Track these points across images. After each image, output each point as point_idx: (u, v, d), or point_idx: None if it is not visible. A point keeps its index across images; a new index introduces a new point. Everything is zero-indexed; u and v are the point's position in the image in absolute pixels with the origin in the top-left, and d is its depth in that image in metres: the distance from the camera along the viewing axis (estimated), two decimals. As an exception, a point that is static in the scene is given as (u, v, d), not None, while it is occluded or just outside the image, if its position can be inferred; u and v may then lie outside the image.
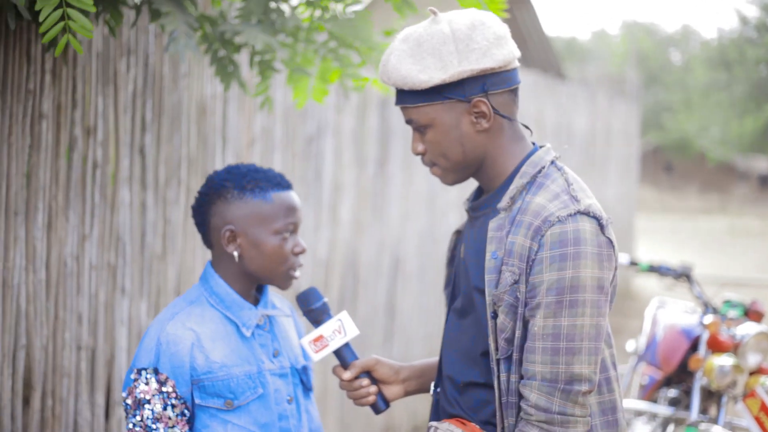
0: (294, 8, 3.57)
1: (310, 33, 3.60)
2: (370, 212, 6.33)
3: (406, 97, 2.39)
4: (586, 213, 2.31)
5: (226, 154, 4.64)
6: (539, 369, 2.28)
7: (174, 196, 4.21)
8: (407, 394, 2.70)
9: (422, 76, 2.32)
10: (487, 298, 2.35)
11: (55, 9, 2.51)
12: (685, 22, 71.52)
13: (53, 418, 3.62)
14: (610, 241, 2.34)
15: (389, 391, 2.66)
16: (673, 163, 39.34)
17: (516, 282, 2.31)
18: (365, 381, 2.61)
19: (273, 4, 3.50)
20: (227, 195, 2.67)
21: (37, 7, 2.51)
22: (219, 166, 4.53)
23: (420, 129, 2.41)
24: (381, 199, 6.47)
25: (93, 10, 2.55)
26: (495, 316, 2.35)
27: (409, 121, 2.43)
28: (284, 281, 2.71)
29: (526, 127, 2.52)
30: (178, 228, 4.25)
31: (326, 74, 3.70)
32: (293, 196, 2.73)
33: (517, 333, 2.32)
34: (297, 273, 2.73)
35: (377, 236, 6.43)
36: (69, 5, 2.53)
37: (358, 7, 3.58)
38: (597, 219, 2.32)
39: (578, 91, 11.66)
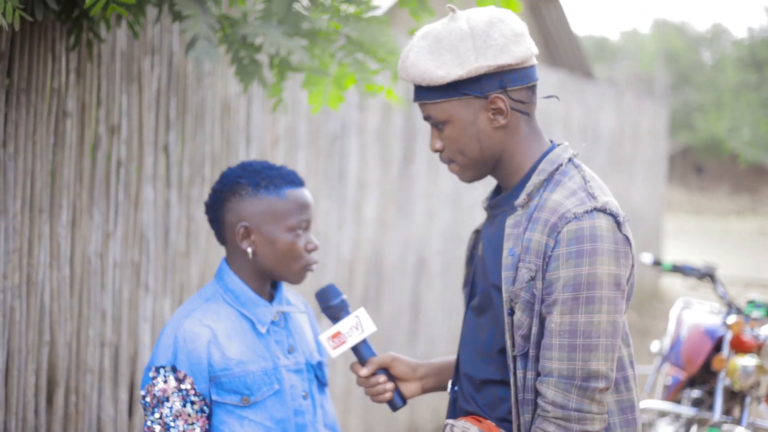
0: (314, 10, 3.58)
1: (328, 36, 3.62)
2: (395, 211, 6.34)
3: (425, 93, 2.40)
4: (603, 210, 2.31)
5: (250, 152, 4.67)
6: (556, 366, 2.28)
7: (198, 194, 4.24)
8: (424, 391, 2.71)
9: (440, 72, 2.34)
10: (504, 295, 2.35)
11: None
12: (715, 21, 71.09)
13: (77, 414, 3.65)
14: (627, 239, 2.34)
15: (406, 388, 2.67)
16: (703, 164, 39.08)
17: (533, 278, 2.31)
18: (382, 378, 2.62)
19: (296, 5, 3.51)
20: (242, 192, 2.69)
21: None
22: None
23: (438, 125, 2.43)
24: (406, 197, 6.48)
25: None
26: (512, 312, 2.35)
27: (427, 118, 2.44)
28: (297, 277, 2.73)
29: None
30: (202, 226, 4.27)
31: (342, 80, 3.71)
32: (306, 193, 2.75)
33: (534, 330, 2.33)
34: (311, 269, 2.74)
35: (402, 235, 6.44)
36: None
37: (376, 12, 3.59)
38: (614, 216, 2.32)
39: (606, 91, 11.62)
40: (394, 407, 2.64)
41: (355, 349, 2.63)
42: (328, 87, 3.73)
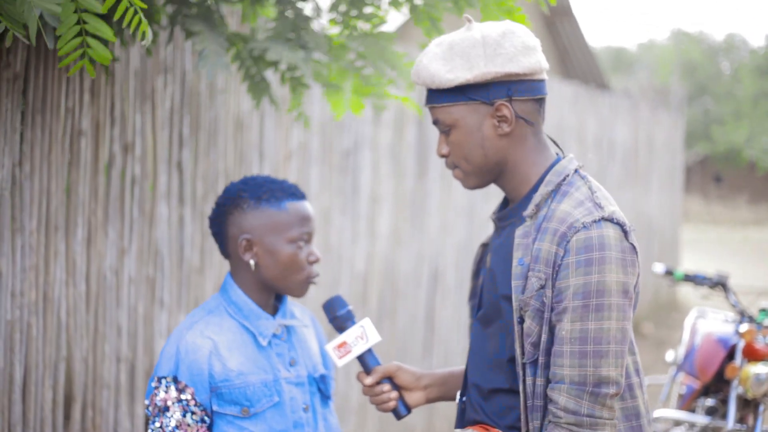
0: (331, 25, 3.64)
1: (339, 51, 3.68)
2: (409, 224, 6.38)
3: (434, 96, 2.47)
4: (610, 219, 2.36)
5: (263, 168, 4.72)
6: (567, 372, 2.32)
7: (211, 210, 4.28)
8: (428, 401, 2.74)
9: (449, 75, 2.40)
10: (514, 303, 2.39)
11: (75, 37, 2.58)
12: (731, 30, 70.96)
13: (94, 428, 3.70)
14: (633, 247, 2.38)
15: (411, 397, 2.71)
16: (722, 174, 38.96)
17: (542, 287, 2.35)
18: (386, 387, 2.66)
19: (303, 23, 3.58)
20: (243, 205, 2.74)
21: (57, 32, 2.57)
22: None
23: (445, 130, 2.48)
24: (419, 211, 6.51)
25: (113, 40, 2.63)
26: (521, 321, 2.39)
27: (435, 122, 2.50)
28: (299, 289, 2.77)
29: (552, 140, 2.57)
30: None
31: (360, 90, 3.78)
32: (307, 206, 2.79)
33: (544, 337, 2.36)
34: (313, 281, 2.79)
35: (416, 248, 6.47)
36: (89, 34, 2.60)
37: (385, 28, 3.66)
38: (620, 225, 2.37)
39: (621, 103, 11.64)
40: (399, 416, 2.68)
41: (360, 358, 2.68)
42: (348, 95, 3.80)
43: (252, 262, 2.73)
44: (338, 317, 2.69)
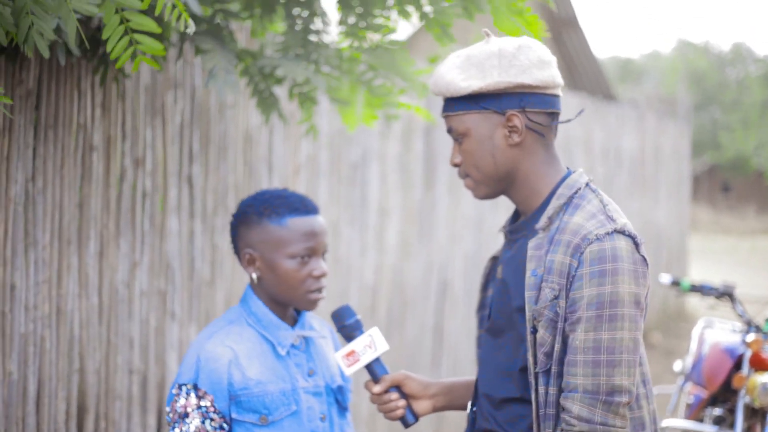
0: (341, 37, 3.68)
1: (350, 63, 3.73)
2: (417, 236, 6.41)
3: (449, 105, 2.53)
4: (622, 232, 2.40)
5: (272, 181, 4.76)
6: (581, 381, 2.35)
7: (221, 223, 4.33)
8: (435, 409, 2.77)
9: (463, 83, 2.46)
10: (527, 314, 2.43)
11: (122, 37, 2.61)
12: (737, 40, 70.99)
13: (106, 439, 3.74)
14: (645, 259, 2.43)
15: (418, 405, 2.74)
16: (730, 183, 38.92)
17: (556, 297, 2.39)
18: (394, 395, 2.70)
19: (313, 38, 3.62)
20: (248, 220, 2.79)
21: (104, 36, 2.60)
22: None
23: (458, 139, 2.53)
24: (428, 222, 6.55)
25: (159, 31, 2.64)
26: (534, 331, 2.43)
27: (449, 130, 2.55)
28: (305, 303, 2.81)
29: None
30: (226, 254, 4.36)
31: (371, 101, 3.82)
32: (313, 221, 2.81)
33: (557, 347, 2.40)
34: (318, 295, 2.81)
35: (424, 260, 6.50)
36: (134, 30, 2.63)
37: (395, 37, 3.70)
38: (632, 238, 2.41)
39: (627, 113, 11.67)
40: (406, 424, 2.72)
41: (368, 367, 2.71)
42: (360, 107, 3.84)
43: (254, 275, 2.79)
44: (347, 326, 2.72)
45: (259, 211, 2.78)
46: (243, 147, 4.52)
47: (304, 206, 2.81)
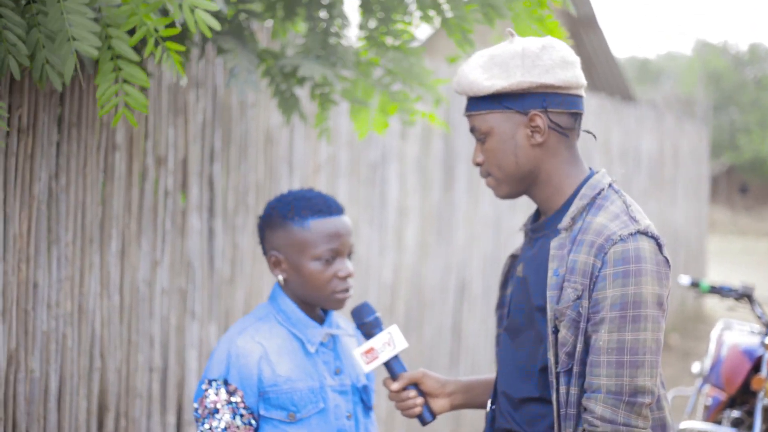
0: (362, 43, 3.69)
1: (368, 67, 3.73)
2: (435, 236, 6.42)
3: (472, 104, 2.54)
4: (645, 233, 2.40)
5: (292, 181, 4.77)
6: (604, 382, 2.35)
7: (242, 222, 4.34)
8: (453, 407, 2.78)
9: (486, 83, 2.47)
10: (549, 313, 2.43)
11: (112, 84, 2.67)
12: (755, 40, 70.76)
13: (127, 437, 3.75)
14: (667, 261, 2.43)
15: (436, 403, 2.74)
16: (748, 184, 38.77)
17: (579, 297, 2.39)
18: (412, 393, 2.70)
19: (332, 40, 3.63)
20: (273, 223, 2.80)
21: (96, 81, 2.66)
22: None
23: (481, 138, 2.53)
24: (446, 223, 6.55)
25: (147, 86, 2.72)
26: (556, 330, 2.43)
27: (472, 129, 2.56)
28: (332, 303, 2.82)
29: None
30: (247, 253, 4.38)
31: (386, 107, 3.82)
32: (337, 222, 2.81)
33: (579, 347, 2.40)
34: (345, 294, 2.82)
35: (442, 260, 6.51)
36: (125, 81, 2.68)
37: (413, 43, 3.70)
38: (655, 239, 2.41)
39: (646, 114, 11.65)
40: (424, 422, 2.72)
41: (387, 364, 2.71)
42: (372, 114, 3.84)
43: (280, 277, 2.80)
44: (366, 323, 2.72)
45: (283, 214, 2.79)
46: (264, 146, 4.53)
47: (327, 207, 2.81)
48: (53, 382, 3.39)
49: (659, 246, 2.41)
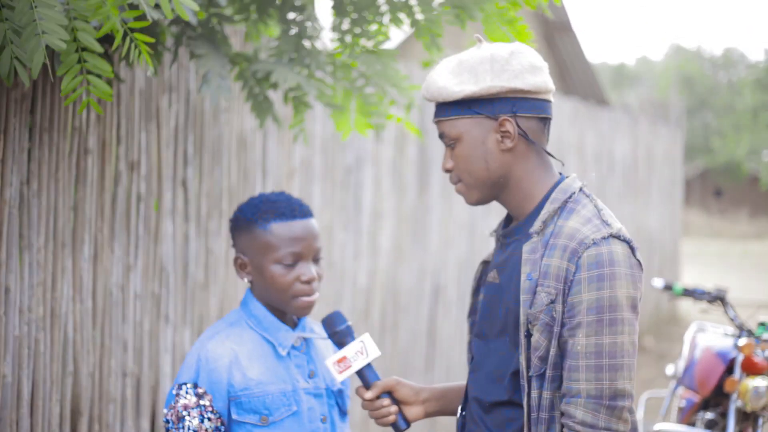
0: (337, 45, 3.69)
1: (343, 70, 3.73)
2: (410, 240, 6.43)
3: (442, 110, 2.53)
4: (618, 236, 2.41)
5: (266, 185, 4.77)
6: (584, 386, 2.35)
7: (216, 227, 4.34)
8: (427, 415, 2.77)
9: (456, 88, 2.46)
10: (522, 318, 2.43)
11: (76, 76, 2.66)
12: (729, 45, 71.19)
13: (100, 442, 3.74)
14: (640, 264, 2.44)
15: (410, 411, 2.73)
16: (722, 187, 38.97)
17: (552, 302, 2.39)
18: (386, 401, 2.69)
19: (306, 43, 3.63)
20: (240, 225, 2.82)
21: (58, 73, 2.65)
22: (259, 197, 4.66)
23: (451, 144, 2.53)
24: (421, 226, 6.56)
25: (111, 76, 2.71)
26: (528, 335, 2.43)
27: (441, 136, 2.55)
28: (294, 308, 2.80)
29: (551, 155, 2.61)
30: (220, 258, 4.37)
31: (365, 108, 3.83)
32: (301, 225, 2.80)
33: (552, 351, 2.40)
34: (307, 299, 2.80)
35: (417, 264, 6.52)
36: (89, 72, 2.68)
37: (387, 45, 3.71)
38: (627, 242, 2.42)
39: (620, 118, 11.70)
40: (398, 429, 2.71)
41: (360, 373, 2.70)
42: (353, 114, 3.85)
43: (246, 279, 2.81)
44: (337, 332, 2.71)
45: (248, 217, 2.80)
46: (237, 151, 4.53)
47: (290, 211, 2.80)
48: (26, 387, 3.37)
49: (632, 249, 2.41)
